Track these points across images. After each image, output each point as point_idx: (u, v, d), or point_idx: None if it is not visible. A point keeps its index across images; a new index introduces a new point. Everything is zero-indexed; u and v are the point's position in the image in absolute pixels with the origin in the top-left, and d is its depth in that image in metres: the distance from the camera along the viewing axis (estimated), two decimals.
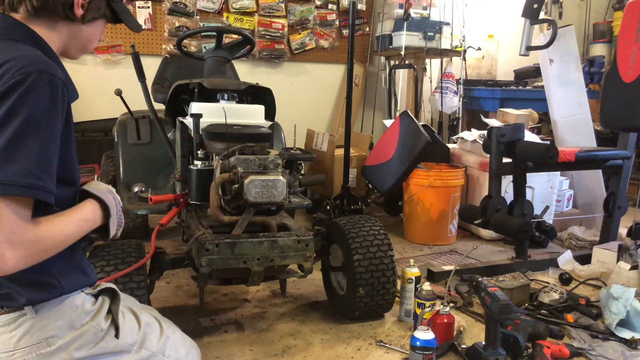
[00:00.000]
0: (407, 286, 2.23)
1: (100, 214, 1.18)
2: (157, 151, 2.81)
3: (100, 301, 1.22)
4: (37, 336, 1.10)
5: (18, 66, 1.00)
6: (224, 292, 2.51)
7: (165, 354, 1.30)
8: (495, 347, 1.81)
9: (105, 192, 1.21)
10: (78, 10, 1.17)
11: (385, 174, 3.31)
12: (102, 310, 1.20)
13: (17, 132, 0.96)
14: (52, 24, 1.16)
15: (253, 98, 2.34)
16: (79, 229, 1.11)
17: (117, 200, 1.25)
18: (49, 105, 1.01)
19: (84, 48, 1.27)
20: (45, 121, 1.00)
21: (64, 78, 1.06)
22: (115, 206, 1.23)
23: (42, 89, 1.00)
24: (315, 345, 2.04)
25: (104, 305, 1.21)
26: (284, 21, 4.56)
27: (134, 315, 1.29)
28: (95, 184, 1.24)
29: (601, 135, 4.14)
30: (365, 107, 4.82)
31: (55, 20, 1.17)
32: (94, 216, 1.17)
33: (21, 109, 0.97)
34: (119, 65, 4.11)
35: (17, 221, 0.96)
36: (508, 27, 5.14)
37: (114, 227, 1.24)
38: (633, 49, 2.97)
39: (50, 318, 1.12)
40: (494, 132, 2.69)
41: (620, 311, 2.12)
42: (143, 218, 3.26)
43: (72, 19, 1.18)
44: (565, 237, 3.43)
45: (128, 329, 1.24)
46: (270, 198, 1.78)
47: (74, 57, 1.27)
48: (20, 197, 0.96)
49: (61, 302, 1.14)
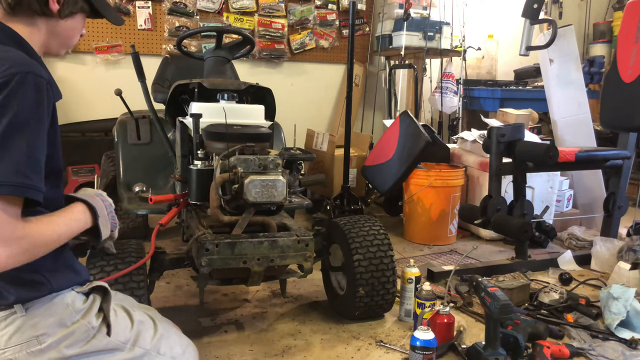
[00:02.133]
0: (407, 286, 2.23)
1: (89, 215, 1.21)
2: (157, 151, 2.80)
3: (91, 299, 1.22)
4: (28, 334, 1.11)
5: (2, 67, 1.01)
6: (224, 292, 2.51)
7: (160, 352, 1.30)
8: (495, 347, 1.81)
9: (92, 196, 1.24)
10: (54, 5, 1.18)
11: (385, 174, 3.31)
12: (93, 308, 1.21)
13: (4, 132, 0.98)
14: (30, 20, 1.17)
15: (253, 98, 2.34)
16: (69, 228, 1.13)
17: (107, 202, 1.28)
18: (35, 105, 1.02)
19: (66, 44, 1.27)
20: (32, 120, 1.02)
21: (48, 78, 1.08)
22: (106, 208, 1.25)
23: (27, 89, 1.01)
24: (315, 345, 2.04)
25: (95, 303, 1.22)
26: (284, 21, 4.56)
27: (127, 314, 1.29)
28: (83, 190, 1.27)
29: (601, 135, 4.14)
30: (365, 107, 4.82)
31: (32, 17, 1.17)
32: (84, 217, 1.19)
33: (8, 109, 0.99)
34: (119, 65, 4.11)
35: (8, 219, 0.98)
36: (508, 27, 5.14)
37: (106, 227, 1.26)
38: (633, 49, 2.97)
39: (40, 316, 1.13)
40: (494, 132, 2.69)
41: (620, 311, 2.12)
42: (143, 218, 3.26)
43: (49, 14, 1.19)
44: (565, 237, 3.43)
45: (121, 327, 1.25)
46: (270, 198, 1.78)
47: (57, 53, 1.28)
48: (9, 196, 0.98)
49: (51, 300, 1.15)
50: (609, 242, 2.95)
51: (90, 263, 1.81)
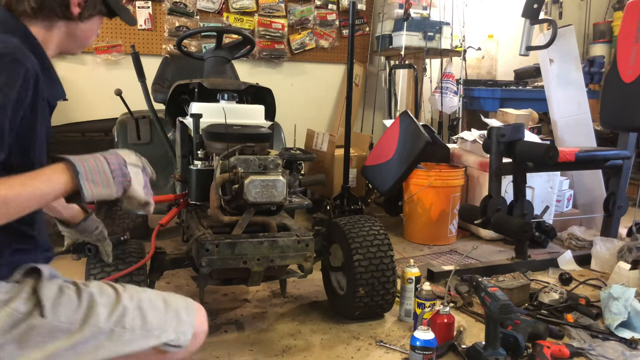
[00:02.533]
0: (407, 286, 2.23)
1: (68, 173, 1.07)
2: (157, 151, 2.80)
3: (18, 286, 1.12)
4: None
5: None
6: (224, 292, 2.51)
7: (126, 326, 1.17)
8: (495, 347, 1.81)
9: (77, 157, 1.10)
10: (75, 9, 1.21)
11: (385, 174, 3.31)
12: (20, 294, 1.10)
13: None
14: (50, 23, 1.20)
15: (253, 98, 2.34)
16: (34, 188, 1.02)
17: (118, 160, 1.19)
18: (6, 79, 1.01)
19: (82, 44, 1.31)
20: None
21: (35, 70, 1.07)
22: (110, 165, 1.15)
23: (2, 64, 1.02)
24: (315, 345, 2.04)
25: (23, 289, 1.11)
26: (284, 21, 4.56)
27: (76, 291, 1.17)
28: (112, 150, 1.22)
29: (601, 135, 4.14)
30: (365, 107, 4.82)
31: (53, 20, 1.20)
32: (57, 176, 1.06)
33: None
34: (119, 65, 4.11)
35: None
36: (508, 27, 5.14)
37: (103, 187, 1.12)
38: (633, 49, 2.97)
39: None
40: (494, 132, 2.69)
41: (620, 312, 2.12)
42: (143, 218, 3.26)
43: (70, 17, 1.21)
44: (565, 237, 3.43)
45: (63, 307, 1.13)
46: (270, 198, 1.78)
47: (74, 52, 1.32)
48: None
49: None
50: (609, 242, 2.95)
51: (90, 263, 1.81)
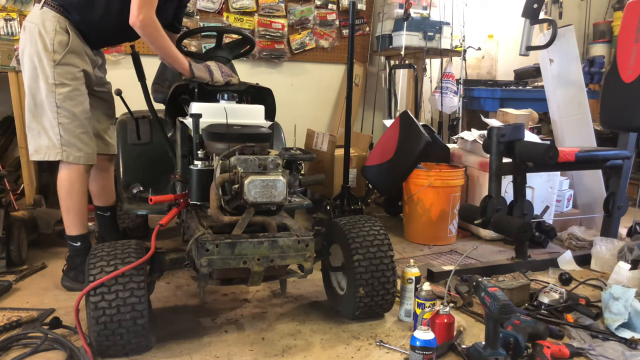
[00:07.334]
0: (407, 286, 2.23)
1: (187, 66, 2.17)
2: (157, 151, 2.81)
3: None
4: None
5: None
6: (224, 292, 2.51)
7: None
8: (495, 347, 1.81)
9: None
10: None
11: (385, 174, 3.31)
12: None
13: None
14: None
15: (253, 98, 2.34)
16: (172, 50, 2.19)
17: (204, 65, 2.20)
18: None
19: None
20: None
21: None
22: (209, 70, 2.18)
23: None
24: (315, 345, 2.04)
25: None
26: (284, 21, 4.56)
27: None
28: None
29: (601, 135, 4.14)
30: (365, 107, 4.82)
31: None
32: (183, 61, 2.19)
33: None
34: (119, 65, 4.11)
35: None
36: (508, 27, 5.15)
37: (202, 72, 2.17)
38: (633, 49, 2.97)
39: None
40: (494, 132, 2.69)
41: (620, 312, 2.12)
42: (143, 218, 3.26)
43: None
44: (565, 237, 3.43)
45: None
46: (270, 198, 1.78)
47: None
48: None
49: None
50: (609, 242, 2.95)
51: (90, 263, 1.81)
